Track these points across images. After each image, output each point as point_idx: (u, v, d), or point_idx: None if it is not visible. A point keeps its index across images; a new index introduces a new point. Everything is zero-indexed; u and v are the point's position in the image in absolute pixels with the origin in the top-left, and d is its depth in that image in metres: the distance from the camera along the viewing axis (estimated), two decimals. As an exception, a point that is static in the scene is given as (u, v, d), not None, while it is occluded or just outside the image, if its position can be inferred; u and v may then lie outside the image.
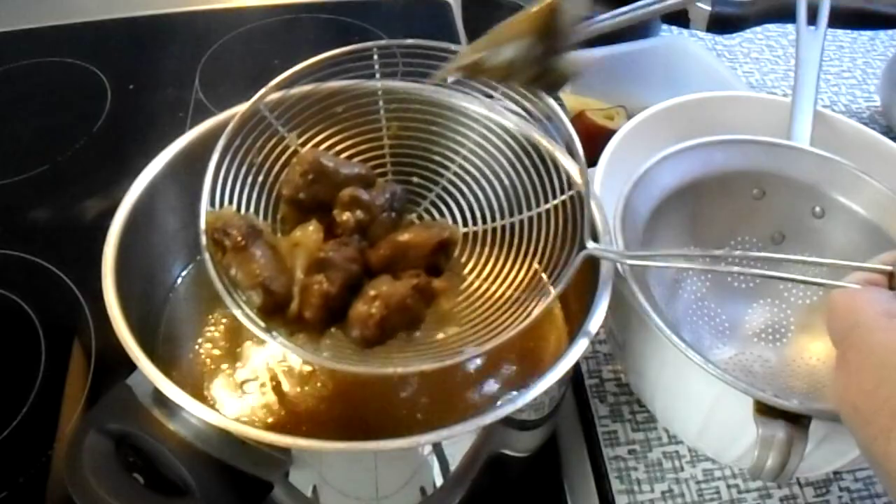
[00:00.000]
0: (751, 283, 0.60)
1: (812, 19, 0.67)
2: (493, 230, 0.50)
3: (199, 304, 0.54)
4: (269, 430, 0.45)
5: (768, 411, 0.42)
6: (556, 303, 0.55)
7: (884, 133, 0.63)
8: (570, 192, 0.47)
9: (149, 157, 0.50)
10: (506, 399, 0.39)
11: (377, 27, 0.95)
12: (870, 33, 1.04)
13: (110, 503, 0.37)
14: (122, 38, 0.96)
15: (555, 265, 0.45)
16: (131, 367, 0.40)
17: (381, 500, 0.46)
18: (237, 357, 0.50)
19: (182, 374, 0.49)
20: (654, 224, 0.53)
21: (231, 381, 0.49)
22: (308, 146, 0.50)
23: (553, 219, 0.47)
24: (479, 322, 0.43)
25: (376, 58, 0.50)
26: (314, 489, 0.45)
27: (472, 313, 0.45)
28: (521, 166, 0.50)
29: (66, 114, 0.85)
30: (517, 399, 0.39)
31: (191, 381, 0.49)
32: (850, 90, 0.94)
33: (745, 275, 0.59)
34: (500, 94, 0.50)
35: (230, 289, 0.42)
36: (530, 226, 0.48)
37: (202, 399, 0.40)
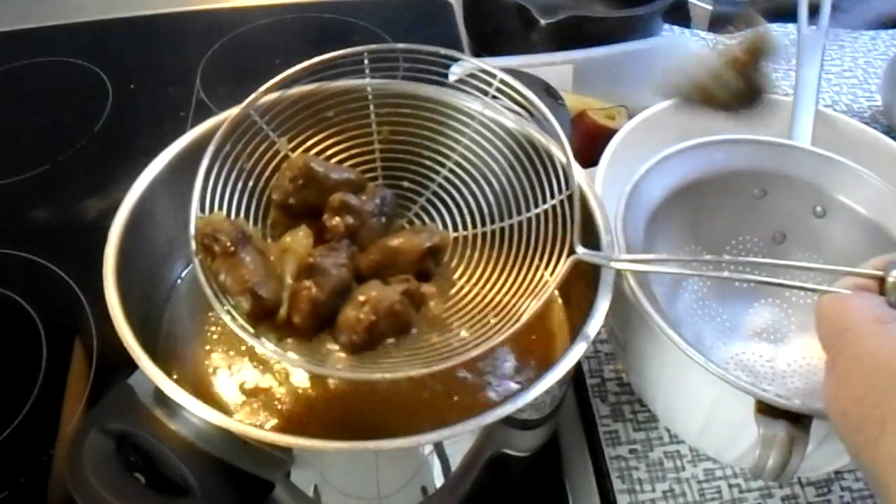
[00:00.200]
0: (750, 283, 0.60)
1: (813, 19, 0.67)
2: (484, 234, 0.50)
3: (201, 304, 0.53)
4: (271, 429, 0.45)
5: (769, 411, 0.42)
6: (558, 302, 0.55)
7: (885, 132, 0.63)
8: (562, 195, 0.47)
9: (150, 156, 0.50)
10: (507, 399, 0.39)
11: (379, 27, 0.95)
12: (871, 32, 1.04)
13: (111, 503, 0.37)
14: (124, 37, 0.96)
15: (546, 269, 0.45)
16: (132, 366, 0.40)
17: (382, 500, 0.46)
18: (238, 356, 0.50)
19: (183, 374, 0.49)
20: (656, 224, 0.53)
21: (232, 381, 0.49)
22: (298, 151, 0.50)
23: (544, 222, 0.47)
24: (470, 327, 0.43)
25: (367, 62, 0.50)
26: (315, 489, 0.45)
27: (461, 318, 0.44)
28: (512, 170, 0.50)
29: (67, 113, 0.85)
30: (518, 398, 0.39)
31: (192, 380, 0.49)
32: (851, 90, 0.94)
33: (735, 280, 0.59)
34: (490, 99, 0.50)
35: (219, 294, 0.42)
36: (521, 230, 0.48)
37: (203, 399, 0.40)
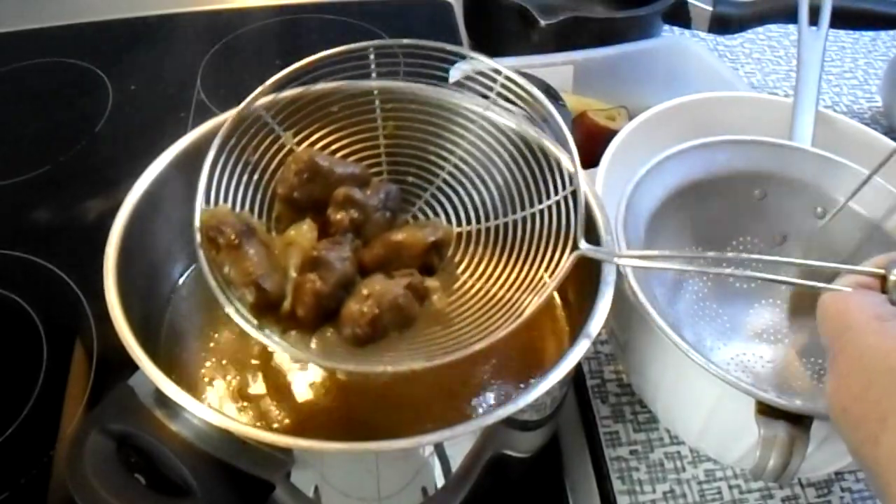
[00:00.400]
0: (752, 283, 0.60)
1: (814, 19, 0.67)
2: (488, 230, 0.50)
3: (201, 304, 0.53)
4: (271, 430, 0.45)
5: (770, 412, 0.42)
6: (558, 303, 0.55)
7: (885, 133, 0.63)
8: (565, 191, 0.47)
9: (150, 157, 0.50)
10: (507, 399, 0.39)
11: (379, 28, 0.95)
12: (871, 34, 1.04)
13: (112, 503, 0.37)
14: (124, 38, 0.96)
15: (548, 265, 0.45)
16: (133, 367, 0.40)
17: (382, 501, 0.46)
18: (239, 357, 0.50)
19: (184, 375, 0.49)
20: (656, 224, 0.53)
21: (233, 382, 0.49)
22: (303, 145, 0.50)
23: (548, 219, 0.47)
24: (472, 321, 0.43)
25: (372, 57, 0.50)
26: (316, 489, 0.45)
27: (464, 313, 0.44)
28: (516, 166, 0.50)
29: (67, 114, 0.85)
30: (519, 399, 0.39)
31: (192, 381, 0.49)
32: (851, 91, 0.94)
33: (738, 277, 0.58)
34: (496, 95, 0.50)
35: (223, 286, 0.42)
36: (524, 226, 0.48)
37: (203, 400, 0.40)
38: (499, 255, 0.48)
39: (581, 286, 0.47)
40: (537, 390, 0.39)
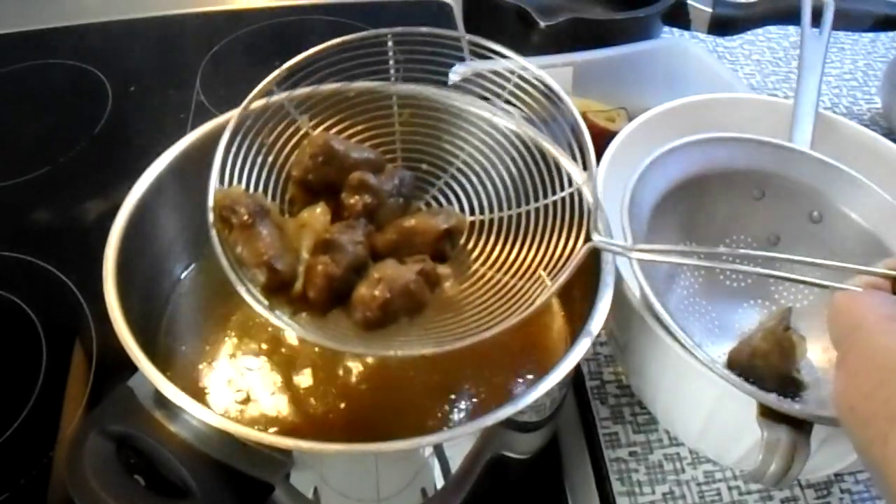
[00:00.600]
0: (742, 282, 0.60)
1: (815, 21, 0.67)
2: (500, 220, 0.49)
3: (201, 306, 0.54)
4: (270, 431, 0.45)
5: (772, 415, 0.42)
6: (558, 304, 0.55)
7: (885, 135, 0.63)
8: (579, 183, 0.47)
9: (150, 158, 0.50)
10: (506, 401, 0.39)
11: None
12: (871, 35, 1.04)
13: (111, 504, 0.37)
14: (123, 39, 0.96)
15: (560, 257, 0.45)
16: (132, 368, 0.40)
17: (382, 502, 0.46)
18: (238, 358, 0.50)
19: (183, 376, 0.49)
20: (656, 218, 0.53)
21: (232, 383, 0.49)
22: (319, 129, 0.50)
23: (560, 211, 0.47)
24: (483, 310, 0.43)
25: (391, 45, 0.50)
26: (315, 491, 0.45)
27: (475, 301, 0.44)
28: (529, 157, 0.50)
29: (67, 116, 0.85)
30: (518, 400, 0.39)
31: (192, 382, 0.49)
32: (851, 92, 0.94)
33: (753, 274, 0.58)
34: (508, 94, 0.51)
35: (235, 266, 0.42)
36: (537, 217, 0.48)
37: (203, 401, 0.40)
38: (511, 245, 0.48)
39: (581, 286, 0.47)
40: (537, 391, 0.39)
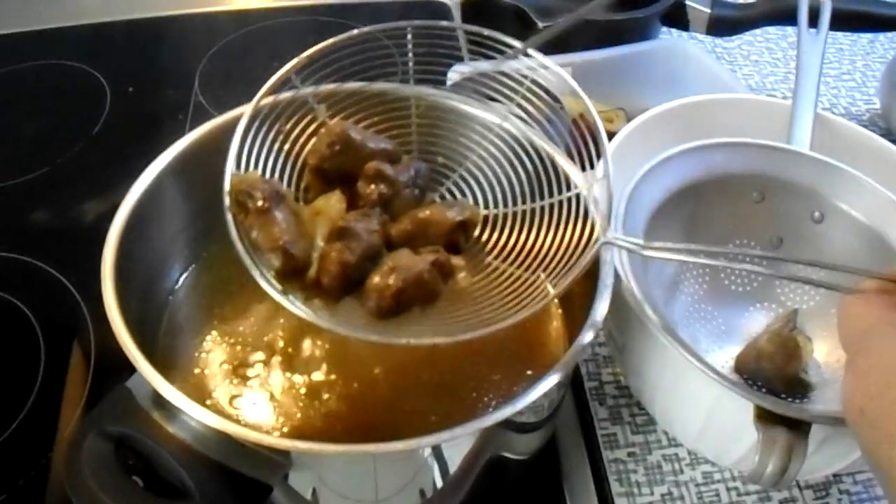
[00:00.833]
0: (748, 286, 0.60)
1: (813, 22, 0.67)
2: (514, 214, 0.50)
3: (199, 307, 0.53)
4: (269, 432, 0.45)
5: (769, 417, 0.42)
6: (557, 305, 0.55)
7: (883, 135, 0.63)
8: (596, 180, 0.47)
9: (148, 159, 0.50)
10: (505, 401, 0.39)
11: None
12: (869, 36, 1.04)
13: (109, 506, 0.37)
14: (122, 40, 0.96)
15: (573, 252, 0.45)
16: (131, 369, 0.40)
17: (380, 503, 0.46)
18: (237, 359, 0.50)
19: (181, 377, 0.49)
20: (655, 224, 0.53)
21: (230, 384, 0.49)
22: (337, 118, 0.50)
23: (574, 207, 0.47)
24: (495, 302, 0.43)
25: (410, 37, 0.50)
26: (313, 492, 0.45)
27: (488, 293, 0.44)
28: (546, 154, 0.50)
29: (65, 116, 0.85)
30: (517, 401, 0.39)
31: (190, 383, 0.49)
32: (849, 93, 0.94)
33: (765, 275, 0.58)
34: (521, 98, 0.51)
35: (250, 251, 0.42)
36: (551, 212, 0.48)
37: (201, 402, 0.40)
38: (524, 240, 0.48)
39: (580, 287, 0.47)
40: (535, 392, 0.39)
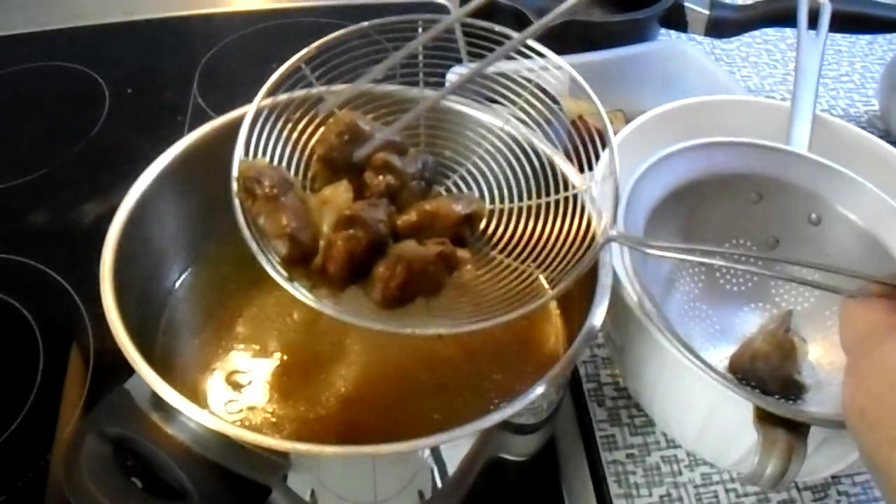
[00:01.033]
0: (743, 286, 0.60)
1: (812, 24, 0.67)
2: (520, 209, 0.50)
3: (198, 308, 0.53)
4: (268, 433, 0.45)
5: (769, 418, 0.42)
6: (555, 306, 0.55)
7: (882, 137, 0.63)
8: (602, 179, 0.47)
9: (147, 160, 0.50)
10: (504, 403, 0.39)
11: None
12: (868, 37, 1.04)
13: (108, 507, 0.37)
14: (120, 42, 0.96)
15: (578, 248, 0.45)
16: (129, 370, 0.40)
17: (379, 504, 0.46)
18: (235, 361, 0.50)
19: (180, 378, 0.49)
20: (654, 222, 0.53)
21: (229, 385, 0.49)
22: (345, 108, 0.50)
23: (581, 203, 0.47)
24: (499, 296, 0.43)
25: (421, 31, 0.50)
26: (312, 493, 0.45)
27: (493, 286, 0.44)
28: (545, 156, 0.50)
29: (64, 118, 0.85)
30: (515, 403, 0.39)
31: (189, 385, 0.49)
32: (848, 94, 0.94)
33: (764, 276, 0.58)
34: (524, 102, 0.52)
35: (257, 237, 0.42)
36: (556, 208, 0.48)
37: (200, 403, 0.40)
38: (529, 235, 0.48)
39: (579, 288, 0.47)
40: (533, 393, 0.39)
